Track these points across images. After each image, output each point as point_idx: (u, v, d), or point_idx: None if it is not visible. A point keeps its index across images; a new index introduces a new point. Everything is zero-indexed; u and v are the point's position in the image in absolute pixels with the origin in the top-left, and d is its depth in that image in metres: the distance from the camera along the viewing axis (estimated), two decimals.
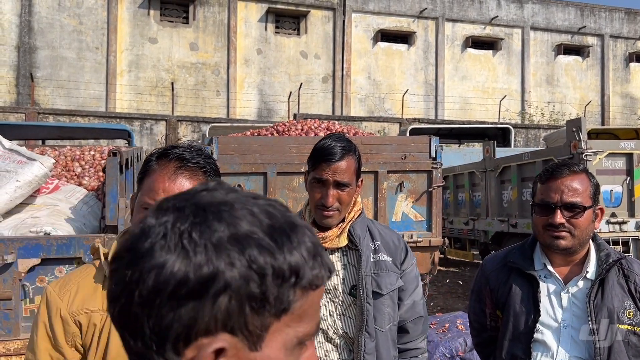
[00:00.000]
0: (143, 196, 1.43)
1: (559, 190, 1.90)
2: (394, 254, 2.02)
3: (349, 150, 1.93)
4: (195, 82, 20.73)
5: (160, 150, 1.48)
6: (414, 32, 23.16)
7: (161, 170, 1.43)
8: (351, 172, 1.92)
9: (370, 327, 1.90)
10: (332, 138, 1.95)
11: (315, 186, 1.92)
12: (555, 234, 1.90)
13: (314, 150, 1.94)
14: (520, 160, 6.88)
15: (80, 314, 1.39)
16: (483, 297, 2.15)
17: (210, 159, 1.51)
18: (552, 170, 1.95)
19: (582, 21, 25.17)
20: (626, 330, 1.87)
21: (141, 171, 1.48)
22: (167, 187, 1.40)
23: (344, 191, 1.91)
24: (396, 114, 21.89)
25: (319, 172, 1.89)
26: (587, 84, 25.39)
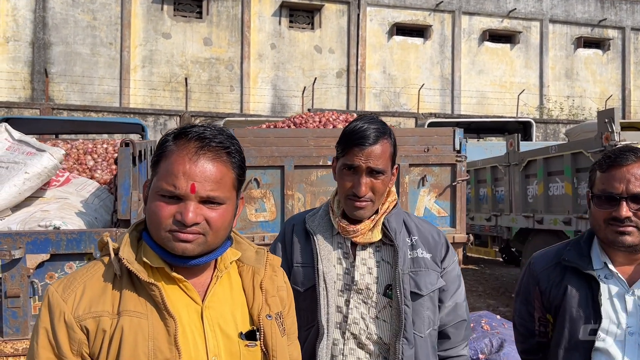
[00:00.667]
0: (159, 181, 1.25)
1: (624, 179, 1.67)
2: (434, 250, 1.80)
3: (384, 133, 1.72)
4: (209, 78, 20.61)
5: (177, 130, 1.30)
6: (429, 25, 22.81)
7: (180, 151, 1.25)
8: (386, 157, 1.71)
9: (409, 332, 1.69)
10: (365, 119, 1.74)
11: (346, 174, 1.72)
12: (620, 229, 1.68)
13: (345, 134, 1.73)
14: (546, 154, 6.61)
15: (87, 319, 1.21)
16: (531, 300, 1.93)
17: (234, 139, 1.32)
18: (615, 156, 1.72)
19: (602, 13, 24.61)
20: None
21: (156, 153, 1.30)
22: (187, 170, 1.22)
23: (378, 179, 1.70)
24: (412, 109, 21.60)
25: (350, 157, 1.69)
26: (608, 78, 24.85)
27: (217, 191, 1.24)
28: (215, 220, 1.25)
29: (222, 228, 1.28)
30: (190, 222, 1.21)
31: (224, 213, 1.27)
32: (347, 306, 1.73)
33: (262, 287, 1.38)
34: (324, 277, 1.73)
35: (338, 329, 1.74)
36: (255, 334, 1.33)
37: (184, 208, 1.22)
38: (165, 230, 1.23)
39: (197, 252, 1.25)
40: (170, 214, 1.22)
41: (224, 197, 1.26)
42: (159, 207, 1.23)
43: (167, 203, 1.23)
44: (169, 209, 1.22)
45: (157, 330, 1.22)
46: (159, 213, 1.23)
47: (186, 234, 1.22)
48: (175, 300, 1.26)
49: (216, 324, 1.29)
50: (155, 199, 1.25)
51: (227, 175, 1.28)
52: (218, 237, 1.28)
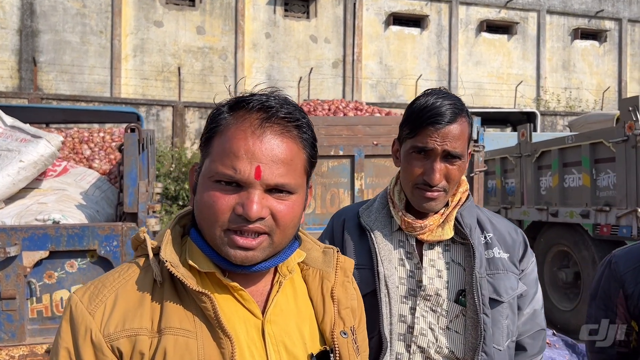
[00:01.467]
0: (214, 163, 0.97)
1: None
2: (512, 249, 1.55)
3: (462, 110, 1.46)
4: (202, 67, 20.20)
5: (233, 99, 1.02)
6: (426, 15, 22.52)
7: (240, 124, 0.98)
8: (464, 139, 1.45)
9: (488, 345, 1.43)
10: (437, 94, 1.47)
11: (416, 158, 1.45)
12: None
13: (414, 111, 1.46)
14: (562, 144, 6.37)
15: (120, 338, 0.94)
16: (613, 306, 1.67)
17: (303, 111, 1.05)
18: None
19: (599, 5, 24.46)
20: None
21: (207, 130, 1.03)
22: (251, 147, 0.95)
23: (454, 164, 1.44)
24: (408, 100, 21.33)
25: (423, 139, 1.42)
26: (604, 70, 24.75)
27: (287, 177, 0.98)
28: (284, 215, 0.98)
29: (291, 225, 1.01)
30: (255, 216, 0.94)
31: (294, 205, 1.00)
32: (413, 315, 1.48)
33: (333, 296, 1.11)
34: (385, 281, 1.47)
35: (402, 341, 1.48)
36: (329, 355, 1.05)
37: (246, 198, 0.95)
38: (222, 229, 0.96)
39: (260, 260, 0.98)
40: (228, 207, 0.95)
41: (295, 185, 0.99)
42: (214, 197, 0.96)
43: (223, 192, 0.96)
44: (226, 200, 0.95)
45: (208, 353, 0.95)
46: (213, 206, 0.96)
47: (247, 238, 0.95)
48: (230, 314, 0.99)
49: (280, 342, 1.02)
50: (208, 187, 0.98)
51: (298, 156, 1.01)
52: (286, 236, 1.01)
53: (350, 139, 4.81)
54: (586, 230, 5.91)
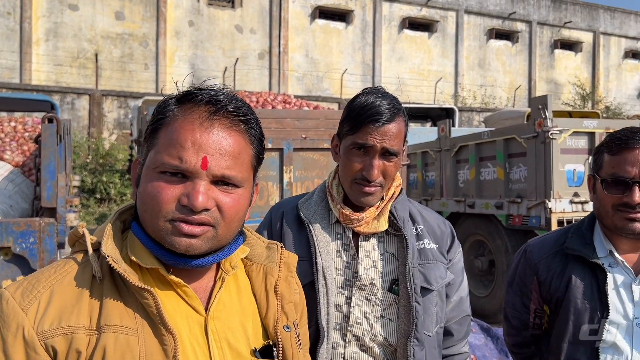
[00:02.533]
0: (159, 154, 0.96)
1: (636, 162, 1.57)
2: (440, 240, 1.64)
3: (399, 110, 1.52)
4: (122, 54, 19.37)
5: (180, 93, 1.01)
6: (351, 10, 22.85)
7: (187, 116, 0.97)
8: (401, 137, 1.51)
9: (420, 331, 1.51)
10: (375, 93, 1.52)
11: (356, 154, 1.49)
12: (630, 216, 1.58)
13: (354, 109, 1.50)
14: (478, 139, 6.71)
15: (55, 336, 0.90)
16: (527, 291, 1.81)
17: (251, 108, 1.05)
18: (626, 138, 1.61)
19: (512, 7, 25.88)
20: None
21: (153, 121, 1.01)
22: (198, 139, 0.95)
23: (391, 161, 1.50)
24: (334, 94, 21.61)
25: (363, 136, 1.47)
26: (516, 69, 26.26)
27: (234, 169, 0.98)
28: (230, 208, 0.98)
29: (236, 218, 1.00)
30: (200, 206, 0.93)
31: (239, 199, 1.00)
32: (349, 304, 1.54)
33: (277, 291, 1.12)
34: (323, 272, 1.51)
35: (338, 330, 1.53)
36: (272, 349, 1.07)
37: (192, 188, 0.94)
38: (166, 219, 0.94)
39: (204, 250, 0.97)
40: (173, 197, 0.94)
41: (241, 179, 1.00)
42: (158, 187, 0.95)
43: (168, 182, 0.95)
44: (171, 191, 0.94)
45: (150, 350, 0.93)
46: (158, 196, 0.94)
47: (192, 226, 0.94)
48: (172, 311, 0.98)
49: (224, 338, 1.02)
50: (152, 177, 0.96)
51: (245, 150, 1.01)
52: (230, 230, 1.01)
53: (279, 132, 4.81)
54: (500, 220, 6.27)
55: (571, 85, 26.49)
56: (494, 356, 5.01)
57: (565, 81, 27.06)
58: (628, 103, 28.09)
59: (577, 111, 12.14)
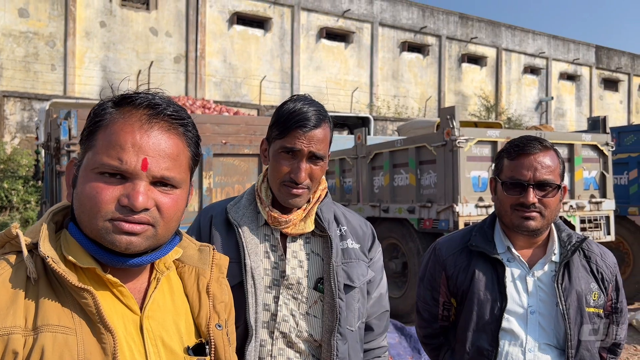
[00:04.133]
0: (98, 155, 0.99)
1: (531, 167, 1.76)
2: (362, 240, 1.76)
3: (325, 116, 1.62)
4: (25, 54, 18.23)
5: (117, 96, 1.04)
6: (270, 18, 22.96)
7: (127, 118, 1.00)
8: (327, 142, 1.62)
9: (343, 326, 1.61)
10: (303, 100, 1.62)
11: (284, 157, 1.58)
12: (525, 214, 1.77)
13: (282, 114, 1.59)
14: (392, 147, 7.02)
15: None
16: (436, 285, 1.97)
17: (187, 112, 1.10)
18: (523, 145, 1.80)
19: (423, 21, 27.14)
20: (592, 312, 1.81)
21: (89, 124, 1.03)
22: (138, 140, 0.98)
23: (318, 165, 1.60)
24: (253, 100, 21.55)
25: (291, 140, 1.55)
26: (427, 81, 27.51)
27: (172, 171, 1.02)
28: (169, 208, 1.02)
29: (174, 218, 1.05)
30: (140, 206, 0.97)
31: (178, 199, 1.05)
32: (276, 303, 1.61)
33: (209, 291, 1.17)
34: (252, 273, 1.57)
35: (266, 328, 1.60)
36: (204, 347, 1.12)
37: (131, 189, 0.97)
38: (106, 219, 0.97)
39: (143, 248, 1.01)
40: (112, 198, 0.97)
41: (179, 180, 1.04)
42: (98, 188, 0.97)
43: (108, 183, 0.97)
44: (111, 191, 0.97)
45: (89, 349, 0.95)
46: (97, 196, 0.97)
47: (132, 224, 0.97)
48: (108, 310, 1.00)
49: (158, 337, 1.06)
50: (91, 178, 0.98)
51: (183, 152, 1.06)
52: (169, 230, 1.05)
53: None
54: (412, 224, 6.59)
55: (477, 97, 28.16)
56: (407, 354, 5.27)
57: (471, 93, 28.72)
58: (527, 115, 30.28)
59: (482, 122, 12.96)
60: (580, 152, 6.62)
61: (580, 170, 6.64)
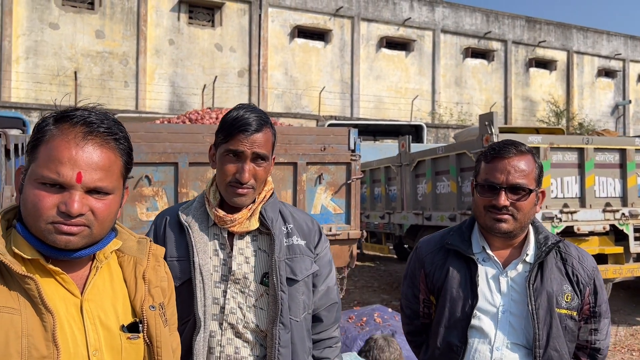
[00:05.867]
0: (39, 168, 1.15)
1: (504, 170, 1.79)
2: (308, 237, 1.86)
3: (267, 121, 1.75)
4: (102, 72, 19.55)
5: (58, 113, 1.20)
6: (330, 29, 23.29)
7: (64, 135, 1.16)
8: (269, 144, 1.74)
9: (285, 317, 1.72)
10: (245, 108, 1.75)
11: (229, 160, 1.70)
12: (497, 217, 1.80)
13: (227, 121, 1.72)
14: (434, 155, 7.00)
15: None
16: (417, 283, 2.02)
17: (120, 125, 1.26)
18: (499, 149, 1.84)
19: (487, 26, 26.53)
20: (564, 314, 1.80)
21: (33, 137, 1.19)
22: (73, 156, 1.14)
23: (261, 166, 1.72)
24: (313, 111, 21.91)
25: (235, 143, 1.68)
26: (492, 87, 26.81)
27: (105, 181, 1.18)
28: (102, 211, 1.19)
29: (108, 219, 1.22)
30: (76, 212, 1.13)
31: (110, 204, 1.21)
32: (225, 297, 1.73)
33: (144, 277, 1.33)
34: (200, 270, 1.71)
35: (215, 320, 1.73)
36: (138, 326, 1.28)
37: (68, 198, 1.14)
38: (47, 222, 1.14)
39: (81, 245, 1.18)
40: (52, 205, 1.14)
41: (111, 187, 1.21)
42: (40, 196, 1.14)
43: (48, 192, 1.14)
44: (51, 199, 1.14)
45: (32, 327, 1.12)
46: (39, 203, 1.14)
47: (70, 226, 1.15)
48: (52, 294, 1.17)
49: (96, 316, 1.22)
50: (33, 187, 1.15)
51: (115, 163, 1.22)
52: (103, 229, 1.22)
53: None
54: None
55: (545, 102, 27.10)
56: None
57: (540, 99, 27.67)
58: (602, 119, 28.77)
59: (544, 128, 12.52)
60: (633, 158, 6.31)
61: (634, 176, 6.32)
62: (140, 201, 4.94)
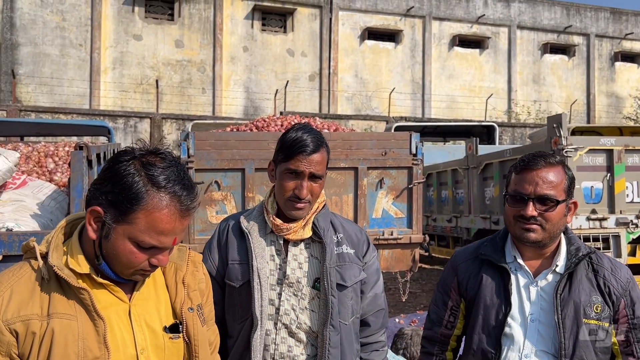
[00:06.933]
0: (141, 234, 1.31)
1: (533, 181, 1.84)
2: (357, 246, 2.00)
3: (322, 142, 1.91)
4: (181, 80, 20.56)
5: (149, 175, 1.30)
6: (401, 30, 23.15)
7: (165, 209, 1.31)
8: (324, 164, 1.90)
9: (335, 320, 1.87)
10: (303, 129, 1.91)
11: (289, 177, 1.87)
12: (525, 226, 1.84)
13: (286, 141, 1.89)
14: (501, 157, 6.85)
15: (16, 322, 1.26)
16: (448, 290, 2.09)
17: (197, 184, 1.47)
18: (528, 160, 1.89)
19: (568, 20, 25.30)
20: (593, 325, 1.82)
21: (124, 194, 1.29)
22: (174, 228, 1.33)
23: (317, 183, 1.89)
24: (383, 113, 21.87)
25: (295, 163, 1.85)
26: (573, 83, 25.54)
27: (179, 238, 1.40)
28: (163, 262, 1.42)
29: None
30: (164, 265, 1.40)
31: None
32: (279, 299, 1.89)
33: (184, 282, 1.49)
34: (258, 273, 1.87)
35: (271, 320, 1.89)
36: (179, 326, 1.44)
37: (161, 257, 1.37)
38: (133, 270, 1.35)
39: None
40: (145, 259, 1.34)
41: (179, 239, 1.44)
42: (136, 255, 1.32)
43: (143, 253, 1.33)
44: (144, 257, 1.34)
45: (86, 331, 1.30)
46: (135, 261, 1.33)
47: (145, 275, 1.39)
48: (104, 301, 1.35)
49: (142, 319, 1.40)
50: (129, 244, 1.31)
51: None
52: None
53: None
54: None
55: (633, 98, 25.44)
56: None
57: (627, 94, 26.01)
58: None
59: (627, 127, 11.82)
60: None
61: None
62: (210, 205, 5.24)
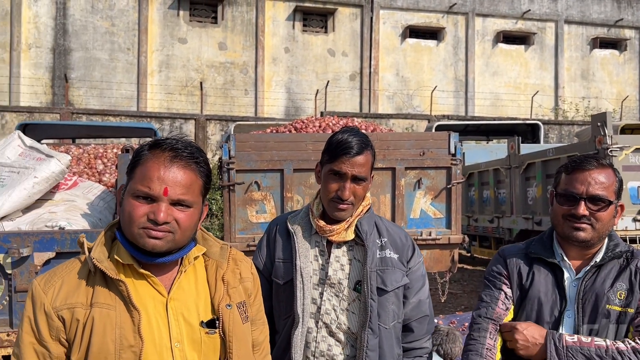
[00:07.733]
0: (135, 184, 1.43)
1: (585, 181, 1.87)
2: (401, 251, 2.01)
3: (367, 145, 1.94)
4: (224, 82, 20.96)
5: (152, 142, 1.49)
6: (443, 27, 22.85)
7: (155, 158, 1.44)
8: (368, 166, 1.93)
9: (374, 323, 1.90)
10: (349, 132, 1.95)
11: (332, 179, 1.92)
12: (576, 225, 1.87)
13: (332, 143, 1.94)
14: (544, 157, 6.72)
15: (63, 309, 1.39)
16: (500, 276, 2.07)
17: (202, 152, 1.53)
18: (580, 161, 1.93)
19: (619, 13, 24.36)
20: (615, 310, 1.85)
21: (132, 162, 1.49)
22: (161, 175, 1.41)
23: (360, 185, 1.92)
24: (425, 111, 21.66)
25: (338, 165, 1.89)
26: (625, 79, 24.58)
27: (186, 195, 1.44)
28: (184, 221, 1.44)
29: (189, 228, 1.47)
30: (162, 220, 1.39)
31: (191, 215, 1.46)
32: (321, 298, 1.94)
33: (224, 279, 1.55)
34: (300, 272, 1.93)
35: (312, 318, 1.94)
36: (216, 322, 1.51)
37: (156, 208, 1.40)
38: (139, 227, 1.40)
39: (165, 249, 1.44)
40: (143, 213, 1.40)
41: (191, 201, 1.45)
42: (134, 206, 1.41)
43: (141, 203, 1.41)
44: (142, 209, 1.40)
45: (123, 320, 1.40)
46: (133, 212, 1.41)
47: (157, 231, 1.40)
48: (143, 293, 1.45)
49: (179, 313, 1.47)
50: (130, 199, 1.42)
51: (195, 182, 1.47)
52: (185, 237, 1.47)
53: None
54: None
55: None
56: None
57: None
58: None
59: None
60: None
61: None
62: (250, 205, 5.38)
